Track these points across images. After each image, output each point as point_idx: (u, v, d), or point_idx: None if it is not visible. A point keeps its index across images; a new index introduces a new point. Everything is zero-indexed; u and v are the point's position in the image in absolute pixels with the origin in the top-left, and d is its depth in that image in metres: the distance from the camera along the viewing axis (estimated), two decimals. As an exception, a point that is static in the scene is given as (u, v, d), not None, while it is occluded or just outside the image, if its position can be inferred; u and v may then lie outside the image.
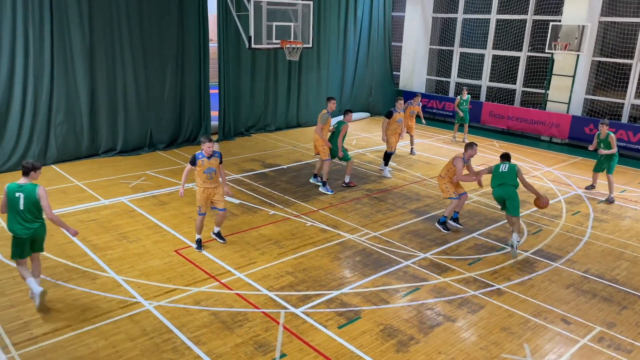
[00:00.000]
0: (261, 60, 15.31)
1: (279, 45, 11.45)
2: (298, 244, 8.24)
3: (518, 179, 8.08)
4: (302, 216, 9.41)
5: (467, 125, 15.55)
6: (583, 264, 7.94)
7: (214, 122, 14.85)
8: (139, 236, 8.34)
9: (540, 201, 8.19)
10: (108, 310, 6.25)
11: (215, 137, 14.67)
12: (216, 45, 14.33)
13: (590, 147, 11.32)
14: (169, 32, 13.07)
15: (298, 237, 8.53)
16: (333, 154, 10.63)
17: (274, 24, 11.24)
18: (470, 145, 8.63)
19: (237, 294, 6.73)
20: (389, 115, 11.73)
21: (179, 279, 7.06)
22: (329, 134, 10.73)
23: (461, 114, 15.26)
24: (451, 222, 9.08)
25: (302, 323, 6.14)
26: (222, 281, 7.03)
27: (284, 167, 12.43)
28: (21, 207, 5.97)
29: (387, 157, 11.92)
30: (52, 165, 11.66)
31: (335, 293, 6.83)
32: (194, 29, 13.55)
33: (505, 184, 8.05)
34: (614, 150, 10.58)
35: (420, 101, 14.43)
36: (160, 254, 7.75)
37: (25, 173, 6.08)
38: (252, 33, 10.97)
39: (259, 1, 10.90)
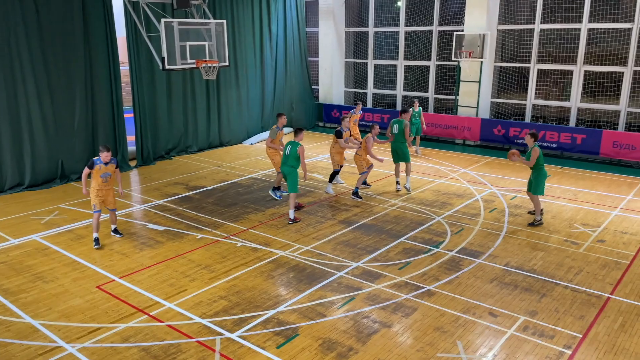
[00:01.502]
0: (177, 81, 14.96)
1: (194, 65, 11.25)
2: (230, 266, 8.06)
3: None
4: (232, 237, 9.23)
5: (420, 137, 15.64)
6: (503, 257, 8.40)
7: (132, 147, 14.27)
8: (55, 275, 7.78)
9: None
10: (26, 359, 5.75)
11: (133, 163, 14.10)
12: (127, 68, 13.82)
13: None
14: (75, 57, 12.43)
15: (229, 259, 8.34)
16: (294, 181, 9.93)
17: (188, 44, 11.03)
18: (373, 127, 11.16)
19: (169, 325, 6.45)
20: (338, 135, 11.48)
21: (104, 316, 6.65)
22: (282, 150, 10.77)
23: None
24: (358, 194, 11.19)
25: (239, 347, 5.98)
26: (151, 314, 6.70)
27: (209, 188, 12.16)
28: None
29: (334, 174, 11.90)
30: (-50, 207, 10.65)
31: (271, 312, 6.73)
32: (102, 52, 12.99)
33: (397, 141, 11.51)
34: (530, 163, 9.47)
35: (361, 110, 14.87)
36: (81, 292, 7.27)
37: None
38: (165, 54, 10.70)
39: (169, 22, 10.66)
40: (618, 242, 9.00)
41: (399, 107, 18.87)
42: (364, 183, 12.09)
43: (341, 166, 12.03)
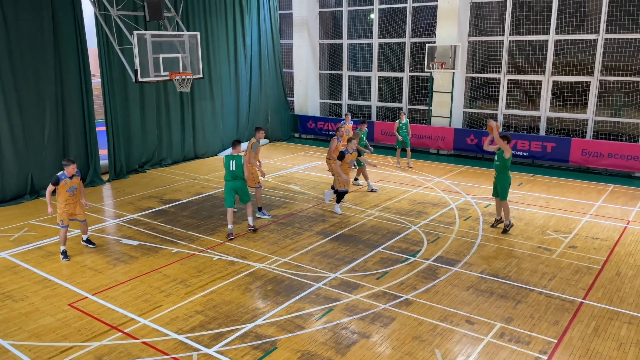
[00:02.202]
0: (150, 93, 14.80)
1: (168, 78, 11.15)
2: (206, 280, 7.95)
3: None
4: (208, 250, 9.11)
5: (410, 149, 15.20)
6: (479, 265, 8.51)
7: (104, 161, 14.02)
8: (25, 293, 7.54)
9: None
10: (-7, 383, 5.54)
11: (106, 177, 13.84)
12: (99, 80, 13.62)
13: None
14: (45, 70, 12.19)
15: (205, 272, 8.23)
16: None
17: (161, 56, 10.94)
18: (349, 141, 11.00)
19: (144, 342, 6.30)
20: (341, 157, 10.93)
21: (76, 335, 6.46)
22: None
23: (400, 138, 14.86)
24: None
25: (217, 363, 5.89)
26: (125, 331, 6.54)
27: (184, 201, 12.01)
28: None
29: (341, 195, 11.20)
30: None
31: (249, 326, 6.65)
32: (73, 64, 12.78)
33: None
34: (507, 152, 9.40)
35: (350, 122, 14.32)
36: (52, 310, 7.06)
37: None
38: (137, 67, 10.58)
39: (142, 34, 10.57)
40: (589, 248, 9.21)
41: (374, 118, 19.04)
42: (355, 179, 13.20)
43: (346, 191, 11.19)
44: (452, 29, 16.20)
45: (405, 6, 17.54)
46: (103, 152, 14.09)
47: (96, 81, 13.89)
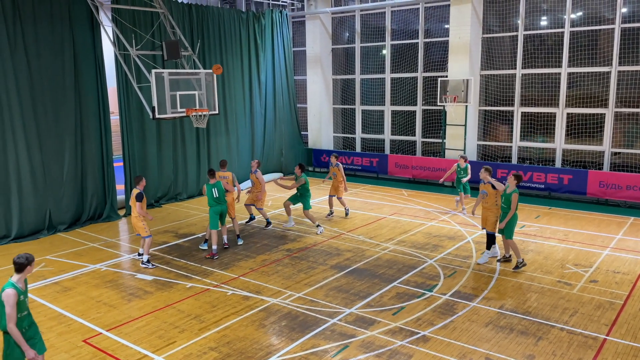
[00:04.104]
0: (167, 129, 15.07)
1: (184, 114, 11.37)
2: (220, 316, 7.88)
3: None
4: (222, 285, 9.07)
5: (466, 195, 13.88)
6: (498, 300, 8.32)
7: (121, 196, 14.19)
8: (41, 329, 7.50)
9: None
10: (6, 421, 5.48)
11: (122, 212, 13.98)
12: (118, 117, 13.94)
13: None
14: (65, 107, 12.53)
15: (219, 308, 8.16)
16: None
17: (178, 93, 11.19)
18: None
19: (157, 379, 6.23)
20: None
21: (90, 372, 6.41)
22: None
23: (448, 181, 13.76)
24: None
25: (231, 401, 5.77)
26: (139, 368, 6.48)
27: (199, 235, 12.04)
28: None
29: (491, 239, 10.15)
30: None
31: (263, 363, 6.54)
32: (92, 103, 13.12)
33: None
34: (512, 211, 9.30)
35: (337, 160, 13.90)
36: (67, 347, 7.03)
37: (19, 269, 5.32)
38: (155, 103, 10.83)
39: (160, 72, 10.85)
40: (611, 282, 8.98)
41: (387, 151, 19.08)
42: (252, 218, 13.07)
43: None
44: (463, 63, 16.37)
45: (417, 42, 17.82)
46: (120, 187, 14.27)
47: (115, 118, 14.21)
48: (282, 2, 19.75)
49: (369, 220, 13.03)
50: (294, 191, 12.76)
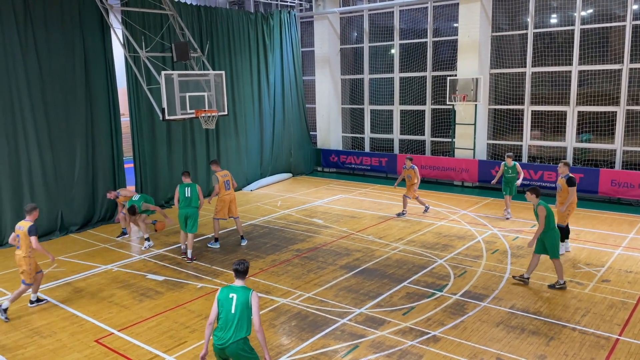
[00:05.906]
0: (177, 130, 15.16)
1: (194, 115, 11.43)
2: (230, 316, 7.90)
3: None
4: (232, 286, 9.09)
5: (511, 197, 12.99)
6: (508, 300, 8.27)
7: (131, 197, 14.28)
8: (53, 330, 7.63)
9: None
10: (20, 420, 5.55)
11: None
12: (128, 119, 14.05)
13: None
14: (76, 110, 12.65)
15: (229, 308, 8.18)
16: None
17: (187, 94, 11.26)
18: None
19: (169, 379, 6.27)
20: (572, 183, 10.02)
21: (102, 371, 6.47)
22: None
23: (494, 181, 13.34)
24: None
25: (242, 401, 5.78)
26: (150, 367, 6.53)
27: (209, 236, 12.10)
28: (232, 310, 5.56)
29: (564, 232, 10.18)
30: (-52, 262, 10.55)
31: (273, 363, 6.56)
32: (103, 104, 13.24)
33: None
34: (541, 227, 8.50)
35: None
36: (79, 347, 7.10)
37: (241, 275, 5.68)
38: (165, 105, 10.90)
39: (170, 74, 10.92)
40: (623, 282, 8.90)
41: (396, 151, 19.04)
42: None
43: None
44: (473, 62, 16.28)
45: (426, 41, 17.76)
46: (131, 188, 14.35)
47: (125, 119, 14.32)
48: (290, 2, 19.77)
49: (379, 220, 13.02)
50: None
